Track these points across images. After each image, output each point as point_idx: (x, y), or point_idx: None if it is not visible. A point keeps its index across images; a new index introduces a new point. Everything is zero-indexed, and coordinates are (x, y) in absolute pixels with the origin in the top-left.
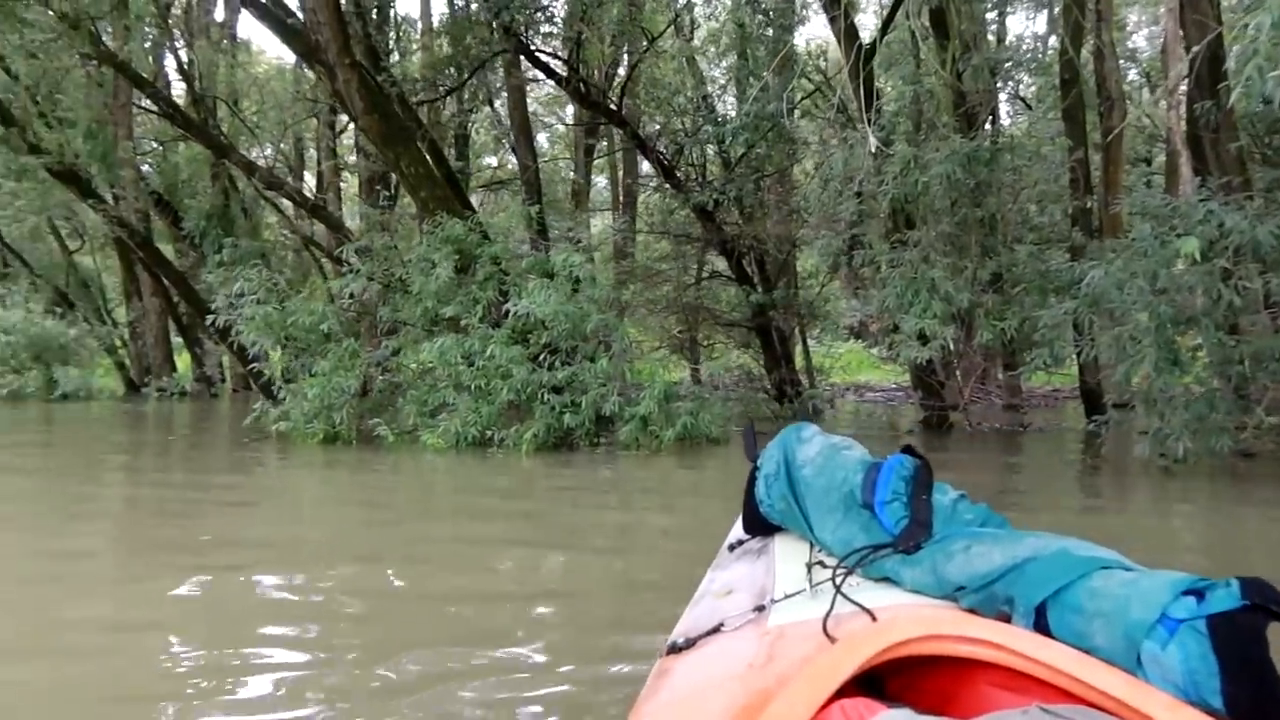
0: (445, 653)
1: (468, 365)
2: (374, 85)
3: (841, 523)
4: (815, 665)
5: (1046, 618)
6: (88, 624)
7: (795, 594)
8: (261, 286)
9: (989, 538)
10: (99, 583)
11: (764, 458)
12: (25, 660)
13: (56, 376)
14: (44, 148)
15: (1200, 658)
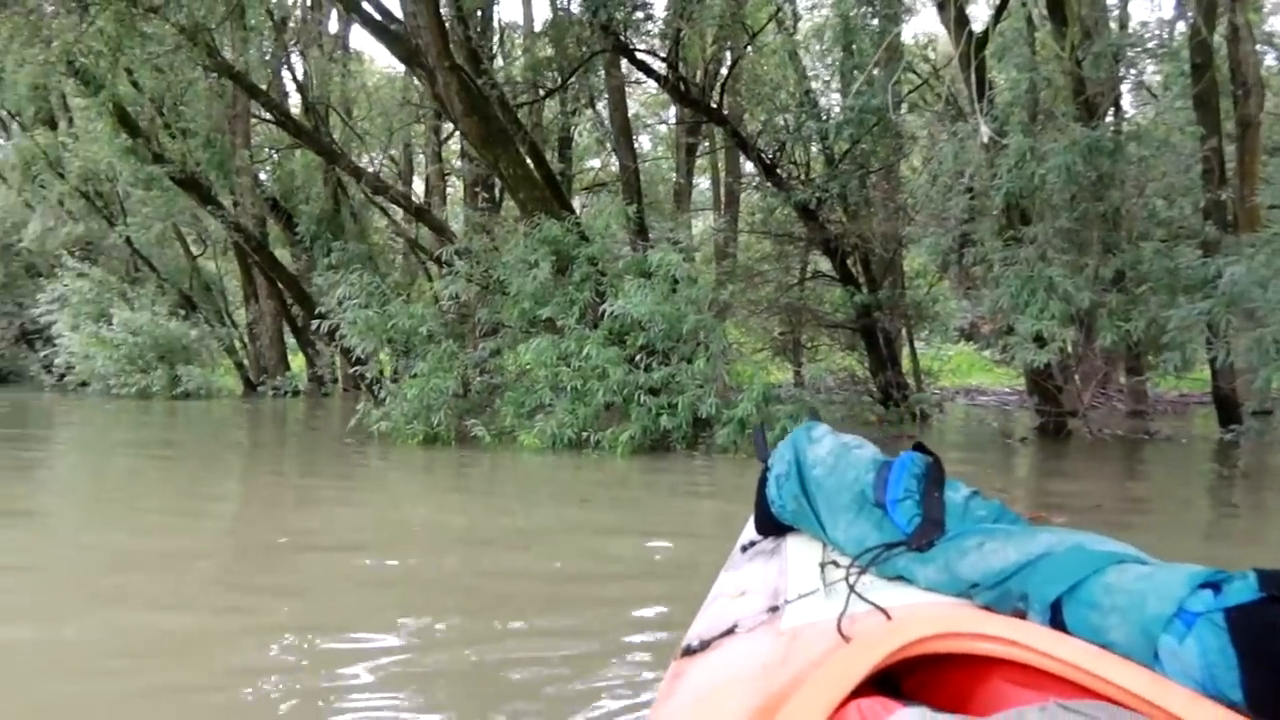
0: (547, 629)
1: (564, 366)
2: (474, 88)
3: (854, 522)
4: (830, 665)
5: (1062, 613)
6: (210, 593)
7: (809, 594)
8: (364, 290)
9: (1002, 534)
10: (220, 563)
11: (775, 458)
12: (162, 613)
13: (180, 375)
14: (168, 157)
15: (1218, 651)
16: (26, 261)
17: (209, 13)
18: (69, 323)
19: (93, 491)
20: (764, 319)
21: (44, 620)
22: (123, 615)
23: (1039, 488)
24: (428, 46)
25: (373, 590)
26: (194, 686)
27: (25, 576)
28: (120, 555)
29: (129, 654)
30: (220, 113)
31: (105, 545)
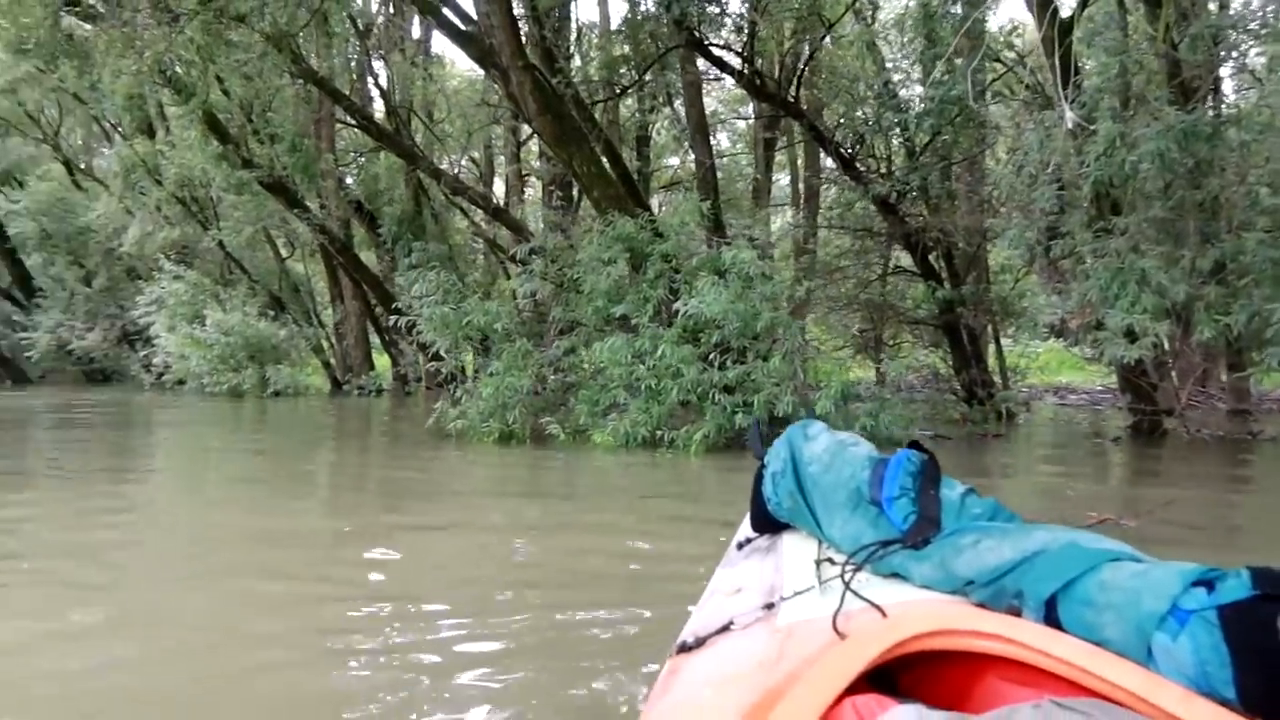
0: (631, 611)
1: (639, 364)
2: (547, 87)
3: (849, 519)
4: (825, 662)
5: (1057, 611)
6: (305, 567)
7: (804, 591)
8: (440, 288)
9: (998, 532)
10: (310, 550)
11: (771, 455)
12: (265, 581)
13: (269, 374)
14: (256, 162)
15: (1211, 648)
16: (127, 265)
17: (292, 20)
18: (166, 324)
19: (192, 481)
20: (844, 316)
21: (159, 585)
22: (230, 583)
23: (1128, 490)
24: (501, 46)
25: (449, 571)
26: (292, 642)
27: (137, 550)
28: (221, 534)
29: (235, 615)
30: (306, 118)
31: (208, 525)
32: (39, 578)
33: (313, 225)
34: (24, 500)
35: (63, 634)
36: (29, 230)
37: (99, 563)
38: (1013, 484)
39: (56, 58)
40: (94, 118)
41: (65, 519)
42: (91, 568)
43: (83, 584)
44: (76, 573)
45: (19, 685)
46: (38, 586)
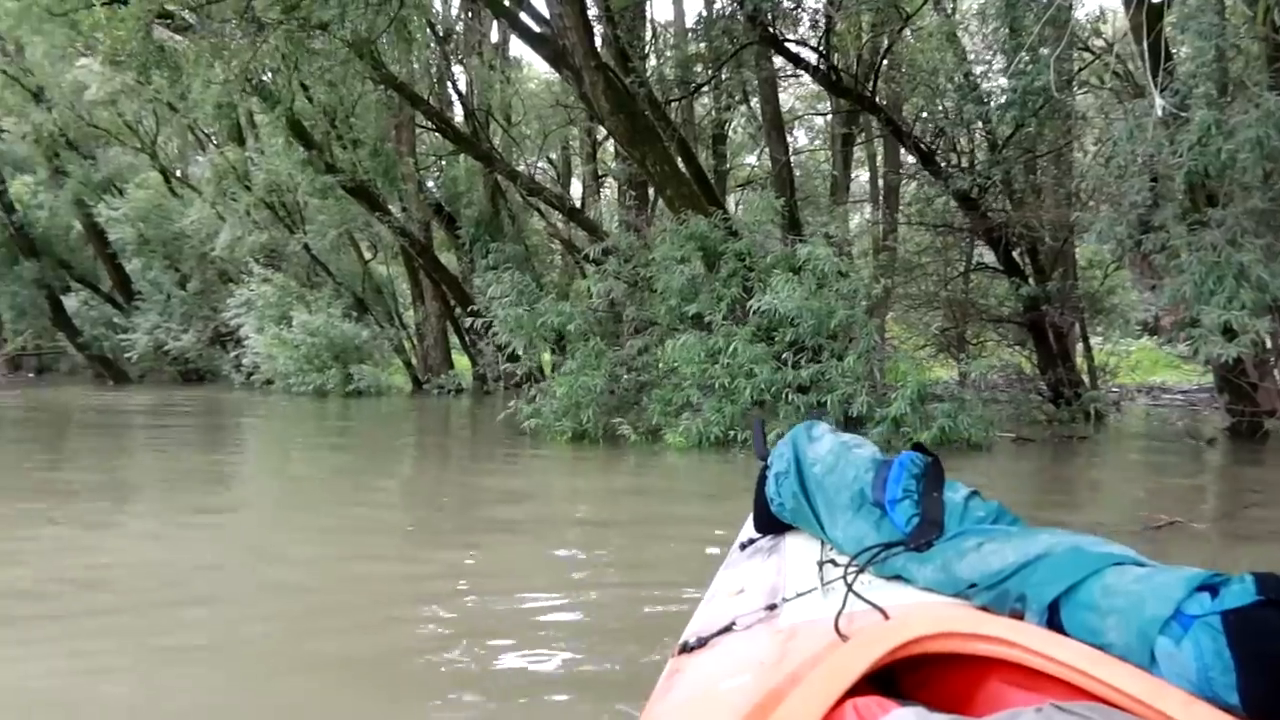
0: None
1: (712, 364)
2: (620, 86)
3: (852, 521)
4: (827, 663)
5: (1060, 615)
6: (393, 549)
7: (807, 592)
8: (514, 289)
9: (1001, 535)
10: (391, 544)
11: (774, 456)
12: (358, 561)
13: (352, 374)
14: (339, 167)
15: (1215, 654)
16: (220, 269)
17: (371, 27)
18: (255, 325)
19: (283, 473)
20: (924, 314)
21: (260, 559)
22: (324, 559)
23: (1220, 493)
24: (574, 47)
25: (525, 556)
26: (385, 611)
27: (234, 530)
28: (312, 519)
29: (331, 587)
30: (386, 123)
31: (300, 511)
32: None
33: (394, 228)
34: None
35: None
36: (128, 236)
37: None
38: (1097, 486)
39: (149, 69)
40: (188, 127)
41: (168, 510)
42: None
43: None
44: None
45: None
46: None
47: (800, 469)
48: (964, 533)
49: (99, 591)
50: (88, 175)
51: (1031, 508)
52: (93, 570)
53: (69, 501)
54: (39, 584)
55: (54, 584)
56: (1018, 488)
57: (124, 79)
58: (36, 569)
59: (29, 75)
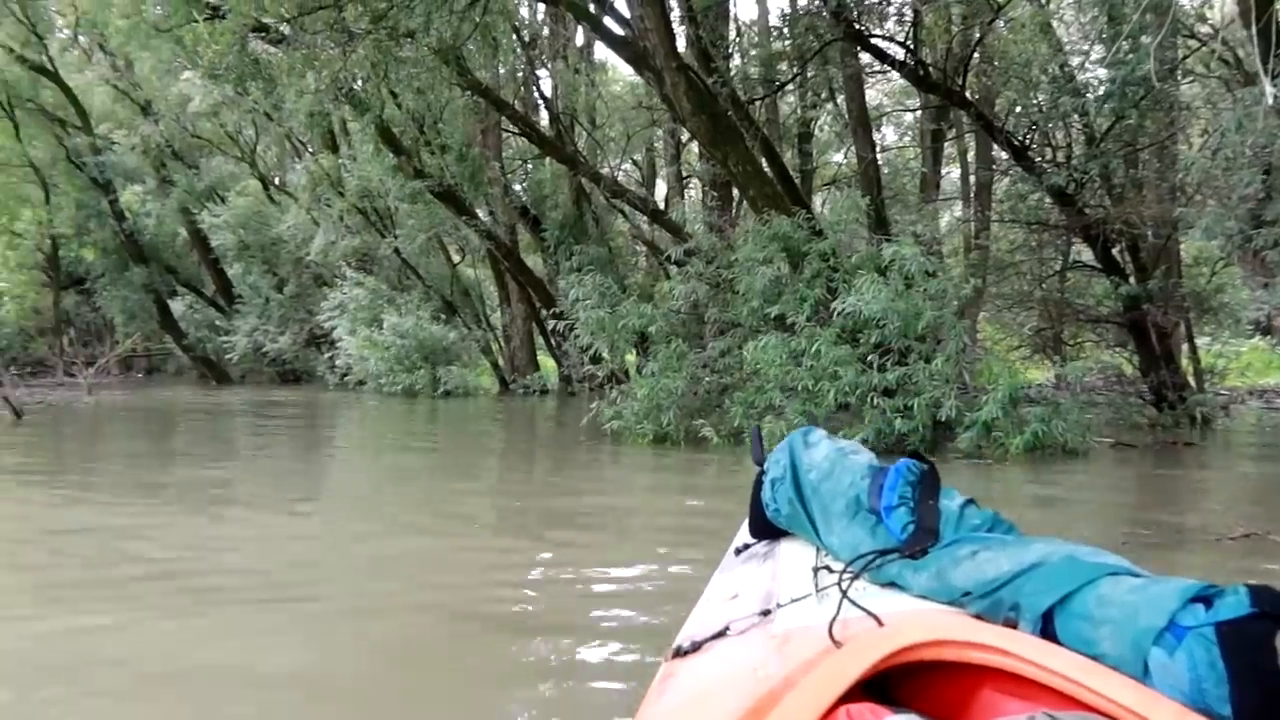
0: None
1: (795, 366)
2: (702, 86)
3: (848, 527)
4: (821, 670)
5: (1054, 624)
6: (481, 536)
7: (801, 598)
8: (596, 291)
9: (996, 543)
10: (473, 540)
11: (770, 461)
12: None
13: (440, 375)
14: (428, 172)
15: (1208, 665)
16: (315, 272)
17: (457, 33)
18: (347, 327)
19: (374, 469)
20: (1018, 314)
21: (351, 546)
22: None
23: None
24: (655, 48)
25: (602, 559)
26: (483, 590)
27: (328, 522)
28: (399, 514)
29: (425, 566)
30: (473, 128)
31: (388, 505)
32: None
33: (480, 231)
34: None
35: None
36: (229, 242)
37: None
38: (1202, 494)
39: (245, 80)
40: (285, 136)
41: (270, 501)
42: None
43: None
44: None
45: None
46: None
47: (796, 475)
48: (959, 540)
49: (211, 573)
50: (192, 184)
51: (1132, 516)
52: (207, 553)
53: (183, 493)
54: (161, 563)
55: (173, 563)
56: (1117, 496)
57: (224, 91)
58: (161, 550)
59: (138, 90)
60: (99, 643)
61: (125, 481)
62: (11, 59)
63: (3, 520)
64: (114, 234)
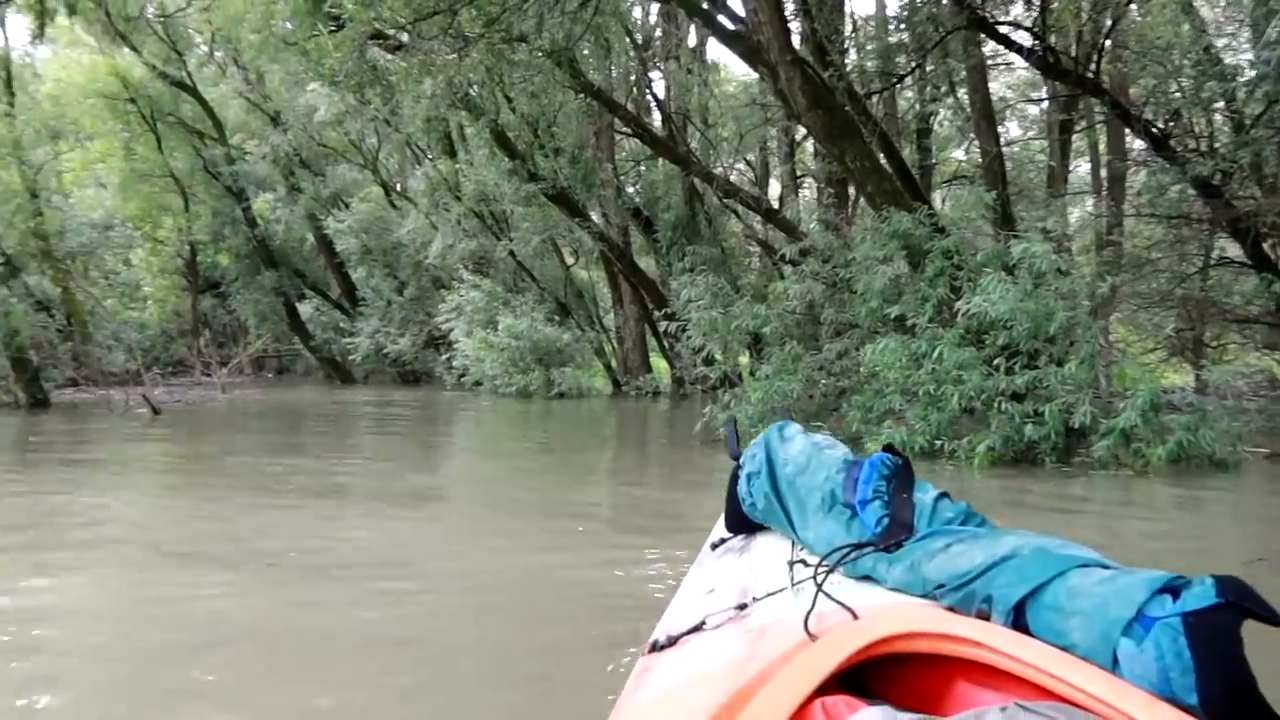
0: None
1: (916, 369)
2: (818, 81)
3: (823, 521)
4: (796, 663)
5: (1025, 615)
6: (587, 537)
7: (777, 592)
8: (709, 291)
9: (969, 536)
10: (580, 540)
11: (746, 456)
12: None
13: (554, 376)
14: (541, 175)
15: (1175, 655)
16: (433, 275)
17: (569, 36)
18: (464, 329)
19: (488, 468)
20: (1156, 314)
21: (458, 542)
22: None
23: None
24: (769, 42)
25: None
26: (565, 607)
27: (451, 508)
28: (509, 514)
29: (517, 579)
30: (586, 130)
31: (500, 504)
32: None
33: (593, 233)
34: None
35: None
36: (353, 246)
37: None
38: None
39: (364, 87)
40: (406, 143)
41: (386, 496)
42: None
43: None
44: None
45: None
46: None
47: (772, 469)
48: (933, 534)
49: (325, 560)
50: (318, 191)
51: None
52: (325, 542)
53: (307, 488)
54: (283, 553)
55: (293, 553)
56: (1271, 511)
57: (347, 101)
58: (285, 540)
59: (268, 101)
60: (226, 609)
61: (247, 474)
62: (154, 76)
63: (133, 505)
64: (246, 240)
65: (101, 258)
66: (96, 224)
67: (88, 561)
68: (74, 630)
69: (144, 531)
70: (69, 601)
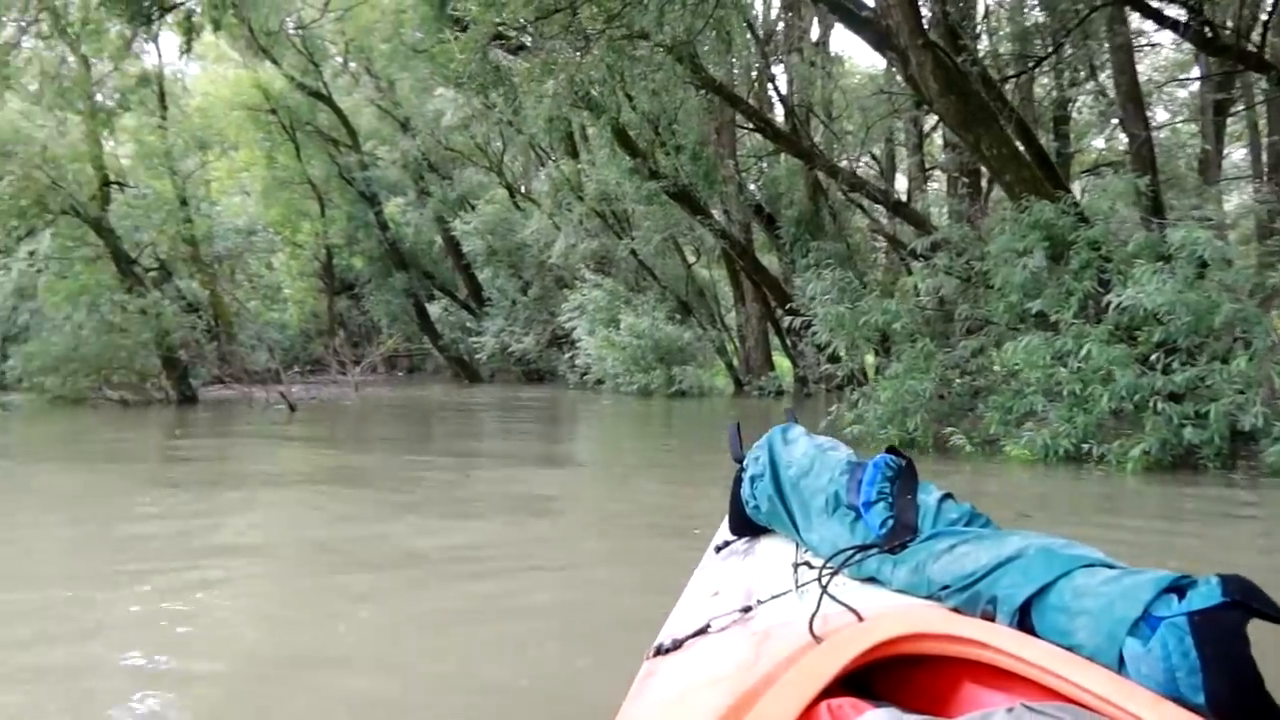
0: None
1: (1060, 367)
2: (950, 65)
3: (827, 523)
4: (801, 665)
5: (1030, 616)
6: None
7: (781, 594)
8: (836, 286)
9: (974, 537)
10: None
11: (750, 459)
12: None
13: (675, 375)
14: (662, 173)
15: (1182, 655)
16: (556, 275)
17: (689, 29)
18: (586, 328)
19: (611, 464)
20: None
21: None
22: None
23: None
24: (899, 26)
25: None
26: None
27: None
28: (625, 511)
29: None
30: (707, 127)
31: (618, 502)
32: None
33: (715, 230)
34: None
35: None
36: (479, 247)
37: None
38: None
39: (487, 88)
40: (530, 145)
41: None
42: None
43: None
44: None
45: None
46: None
47: (776, 471)
48: (937, 535)
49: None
50: (446, 194)
51: None
52: (451, 547)
53: (435, 485)
54: (402, 553)
55: (410, 554)
56: None
57: (474, 105)
58: (402, 541)
59: (398, 108)
60: (362, 593)
61: (377, 471)
62: (293, 87)
63: (267, 502)
64: (379, 243)
65: (246, 261)
66: (241, 229)
67: (231, 554)
68: (222, 625)
69: (279, 526)
70: (218, 593)
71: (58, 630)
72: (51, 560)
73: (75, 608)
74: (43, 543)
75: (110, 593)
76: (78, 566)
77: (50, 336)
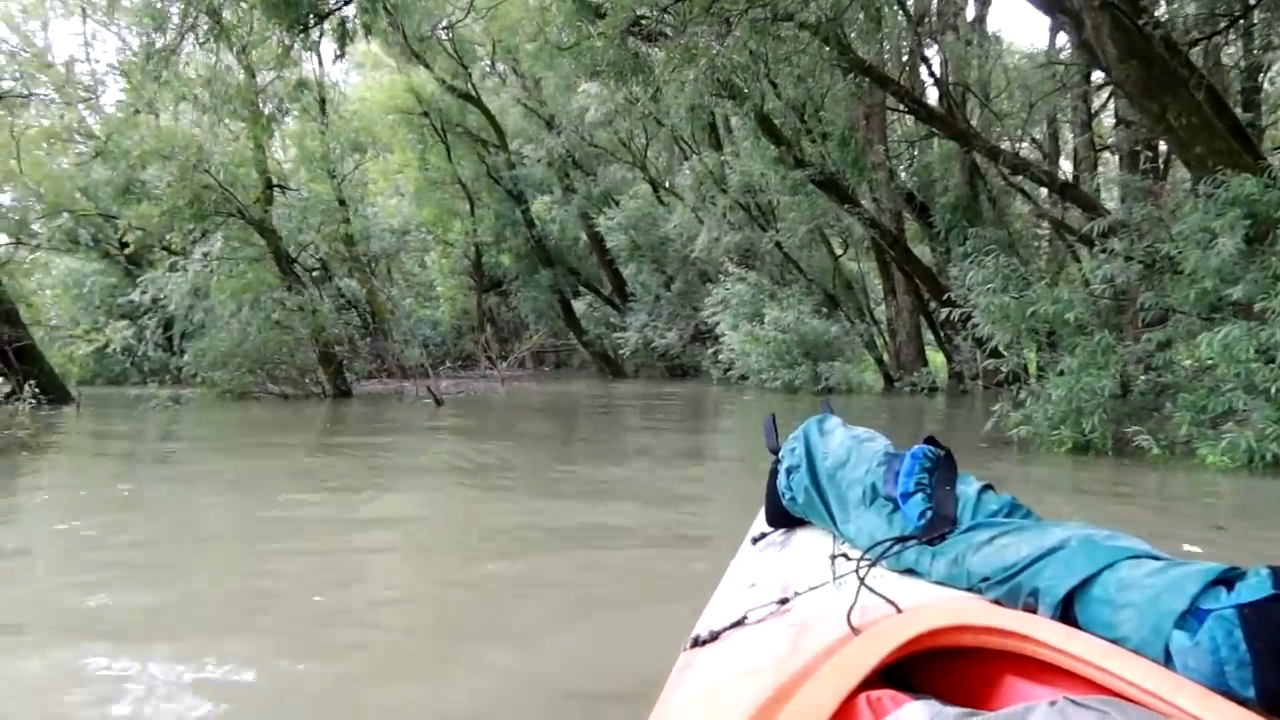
0: None
1: (1264, 362)
2: (1131, 28)
3: (864, 515)
4: (840, 657)
5: (1073, 608)
6: None
7: (819, 586)
8: (999, 274)
9: (1014, 528)
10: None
11: (786, 450)
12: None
13: (821, 371)
14: (808, 161)
15: (1230, 648)
16: (700, 269)
17: (836, 7)
18: (730, 322)
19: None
20: None
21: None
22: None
23: None
24: None
25: None
26: None
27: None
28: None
29: None
30: (855, 111)
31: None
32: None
33: (864, 220)
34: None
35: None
36: (622, 243)
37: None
38: None
39: (626, 75)
40: (674, 139)
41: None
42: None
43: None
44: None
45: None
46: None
47: (812, 463)
48: (977, 526)
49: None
50: (590, 191)
51: None
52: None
53: (580, 479)
54: (557, 534)
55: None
56: None
57: (616, 100)
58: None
59: (544, 107)
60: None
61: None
62: (444, 90)
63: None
64: (526, 240)
65: (400, 260)
66: (395, 229)
67: (385, 533)
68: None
69: (429, 510)
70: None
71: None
72: (230, 534)
73: (251, 563)
74: (219, 516)
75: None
76: (251, 531)
77: (218, 334)
